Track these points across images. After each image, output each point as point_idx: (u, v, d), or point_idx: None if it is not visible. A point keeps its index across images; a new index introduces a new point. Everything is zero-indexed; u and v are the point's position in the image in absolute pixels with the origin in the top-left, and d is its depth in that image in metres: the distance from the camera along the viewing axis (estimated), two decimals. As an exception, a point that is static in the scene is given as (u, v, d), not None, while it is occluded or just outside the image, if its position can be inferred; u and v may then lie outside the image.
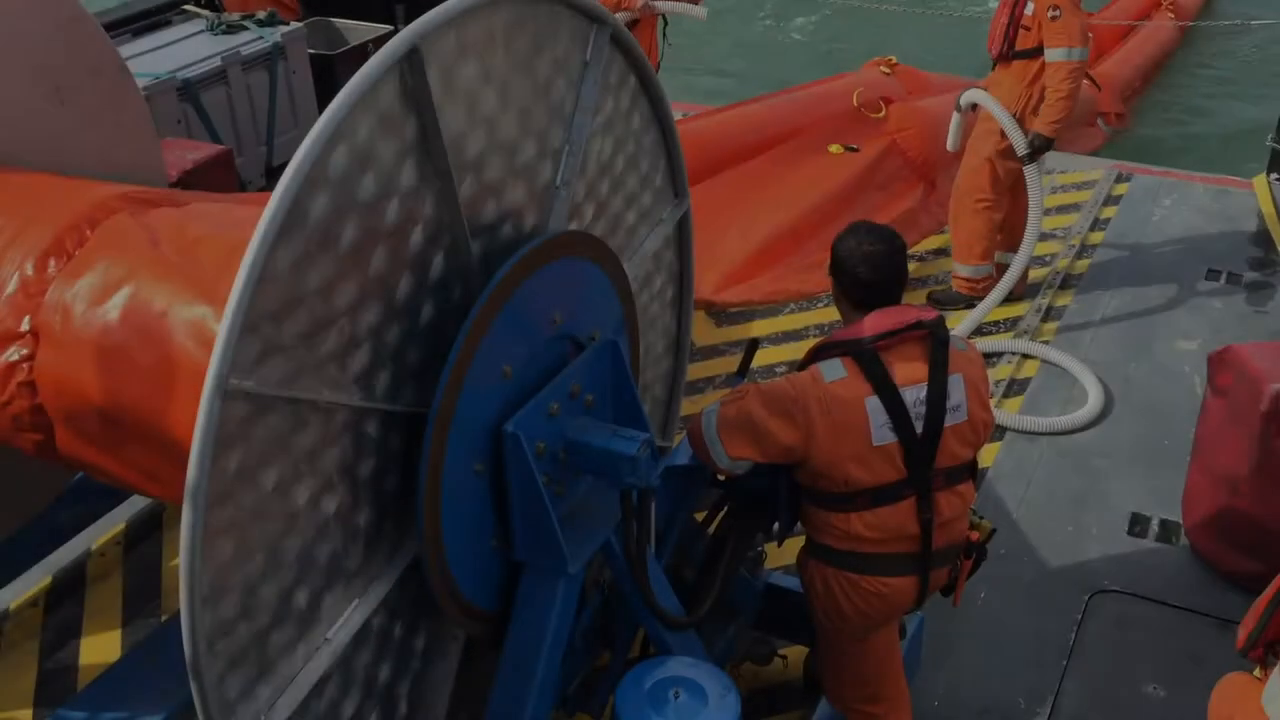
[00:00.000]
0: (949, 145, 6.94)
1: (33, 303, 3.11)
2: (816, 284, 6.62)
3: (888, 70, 7.38)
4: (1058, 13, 6.17)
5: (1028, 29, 6.31)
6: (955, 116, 6.75)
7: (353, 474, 2.78)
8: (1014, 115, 6.40)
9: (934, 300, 6.97)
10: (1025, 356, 6.45)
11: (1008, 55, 6.41)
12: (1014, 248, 6.79)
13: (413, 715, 3.21)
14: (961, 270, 6.96)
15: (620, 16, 6.82)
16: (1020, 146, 6.38)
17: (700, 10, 7.69)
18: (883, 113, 7.38)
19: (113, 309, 3.00)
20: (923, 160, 7.82)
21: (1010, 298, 6.77)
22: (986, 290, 6.81)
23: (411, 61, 2.67)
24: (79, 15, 3.89)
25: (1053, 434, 5.83)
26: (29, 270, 3.13)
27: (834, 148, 7.62)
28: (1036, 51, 6.31)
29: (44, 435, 3.17)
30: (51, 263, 3.13)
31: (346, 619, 2.83)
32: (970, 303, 6.85)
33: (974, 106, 6.60)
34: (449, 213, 2.89)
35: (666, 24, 7.97)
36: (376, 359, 2.77)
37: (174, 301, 2.95)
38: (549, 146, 3.30)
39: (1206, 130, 12.57)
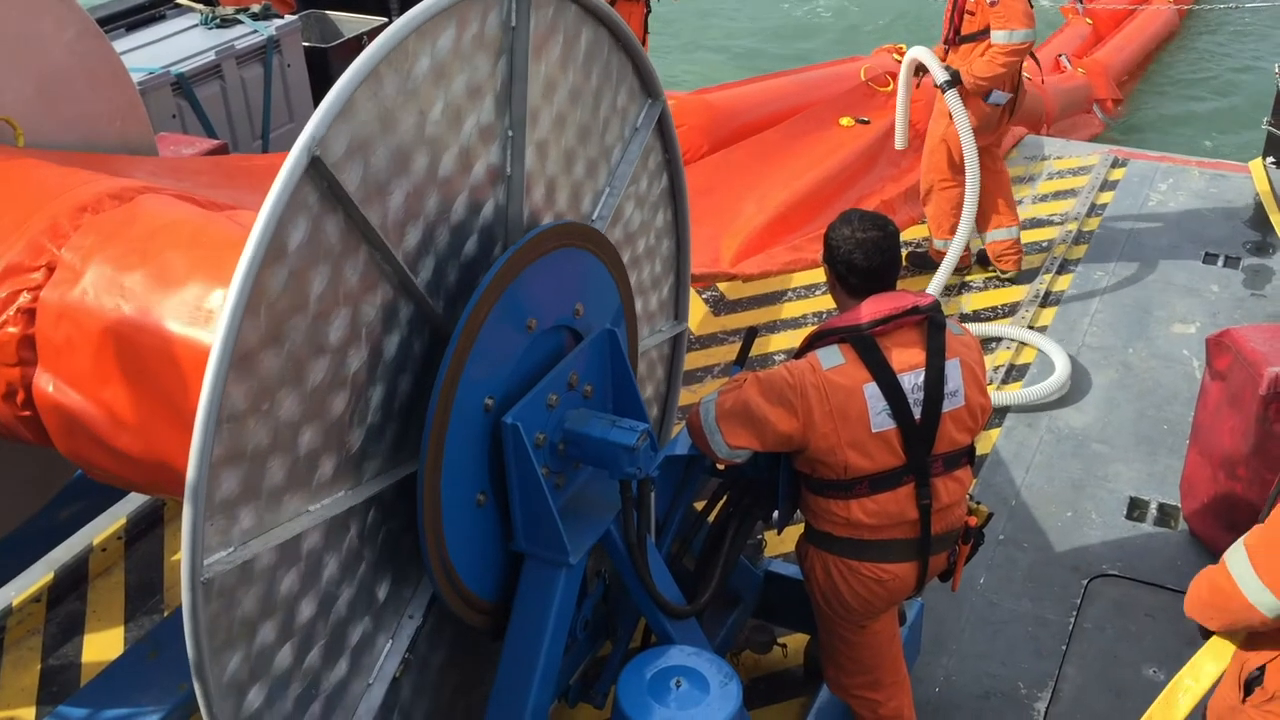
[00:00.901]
0: (897, 144, 7.29)
1: (53, 246, 3.10)
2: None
3: (898, 57, 7.52)
4: None
5: (972, 14, 6.65)
6: (899, 108, 7.09)
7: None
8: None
9: (911, 258, 7.20)
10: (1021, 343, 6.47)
11: (954, 40, 6.74)
12: (988, 221, 7.04)
13: (415, 702, 3.22)
14: (936, 244, 7.18)
15: None
16: (940, 79, 6.61)
17: None
18: (890, 86, 7.55)
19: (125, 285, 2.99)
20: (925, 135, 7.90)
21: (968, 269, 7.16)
22: (964, 260, 7.11)
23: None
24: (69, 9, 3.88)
25: (1024, 407, 5.92)
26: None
27: (845, 120, 7.84)
28: (982, 34, 6.59)
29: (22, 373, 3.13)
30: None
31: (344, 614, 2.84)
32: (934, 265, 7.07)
33: (918, 70, 6.93)
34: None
35: (650, 10, 7.96)
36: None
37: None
38: (595, 169, 3.45)
39: (1202, 113, 12.58)
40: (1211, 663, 3.12)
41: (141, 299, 2.93)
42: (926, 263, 7.23)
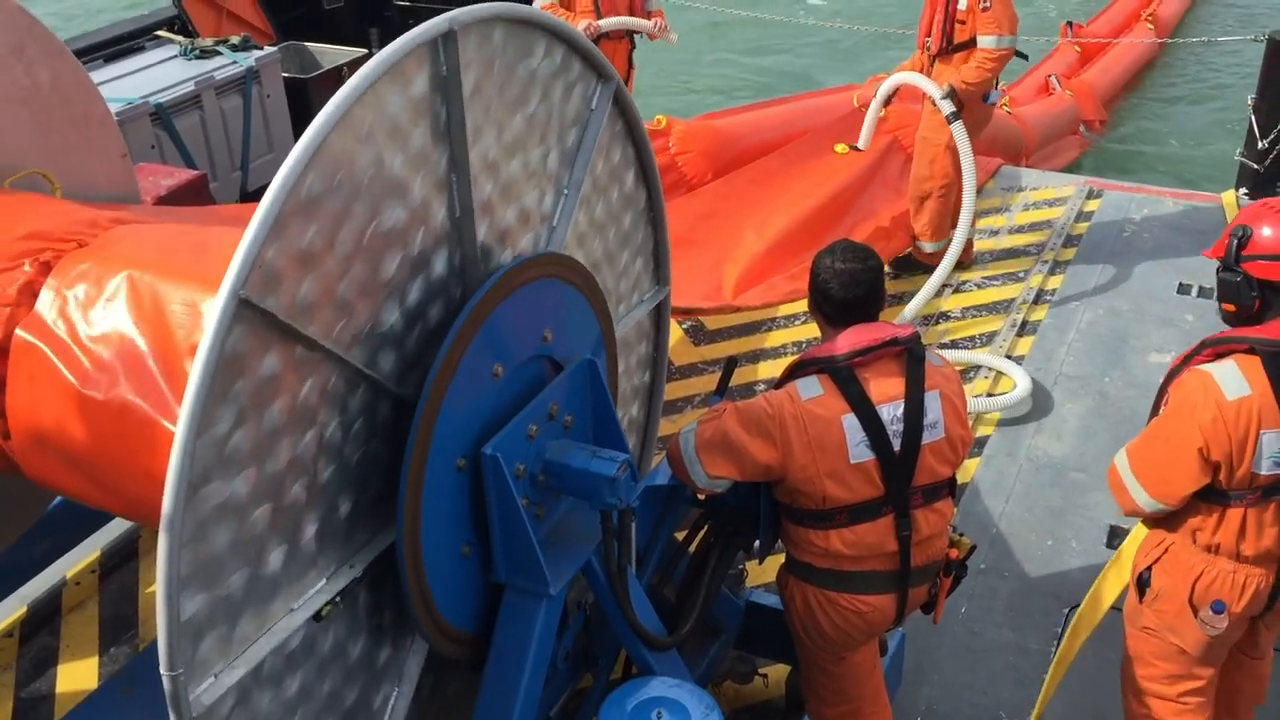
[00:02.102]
0: (860, 144, 7.53)
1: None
2: None
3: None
4: (988, 3, 6.68)
5: (963, 23, 6.82)
6: (870, 113, 7.33)
7: (332, 501, 2.78)
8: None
9: (896, 266, 7.38)
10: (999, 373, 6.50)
11: (947, 50, 6.91)
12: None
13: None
14: (927, 247, 7.37)
15: None
16: (938, 98, 6.80)
17: (670, 35, 7.80)
18: (883, 113, 7.67)
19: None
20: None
21: (959, 267, 7.34)
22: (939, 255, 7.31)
23: (446, 43, 2.74)
24: (47, 40, 3.88)
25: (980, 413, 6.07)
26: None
27: (840, 147, 8.01)
28: (973, 41, 6.81)
29: None
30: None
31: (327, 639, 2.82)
32: (929, 270, 7.23)
33: (897, 90, 7.18)
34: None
35: (634, 46, 8.01)
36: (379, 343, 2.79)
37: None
38: (550, 177, 3.38)
39: (1176, 146, 12.73)
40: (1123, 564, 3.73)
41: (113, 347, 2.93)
42: (914, 265, 7.36)
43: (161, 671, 2.33)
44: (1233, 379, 3.29)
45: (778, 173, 8.03)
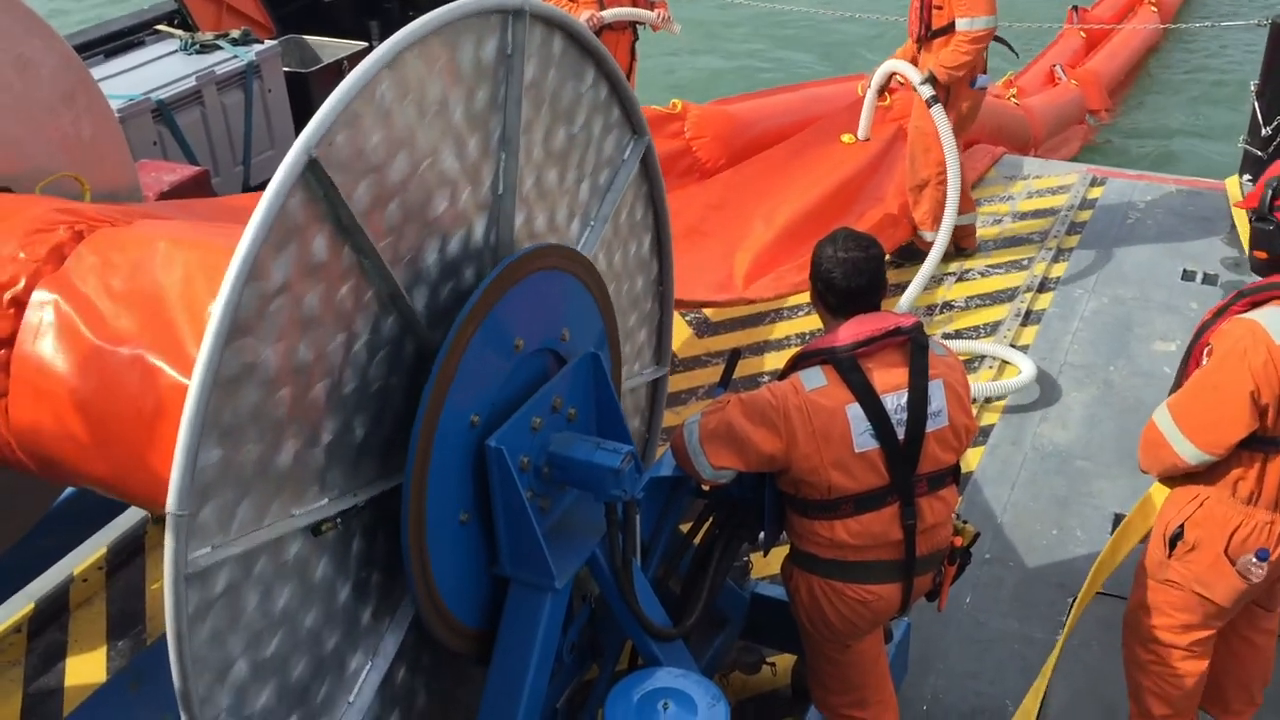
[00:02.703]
0: (860, 134, 7.67)
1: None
2: None
3: (900, 81, 7.74)
4: None
5: (940, 8, 6.92)
6: (867, 103, 7.51)
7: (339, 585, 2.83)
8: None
9: (900, 255, 7.48)
10: (1004, 362, 6.49)
11: (927, 36, 7.00)
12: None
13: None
14: (928, 236, 7.38)
15: None
16: (917, 83, 6.92)
17: (673, 26, 7.81)
18: (888, 101, 7.82)
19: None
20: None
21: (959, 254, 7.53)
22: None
23: (515, 21, 2.88)
24: (98, 95, 3.92)
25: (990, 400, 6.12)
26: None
27: (846, 137, 8.04)
28: (952, 27, 6.88)
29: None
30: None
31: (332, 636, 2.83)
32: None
33: (890, 77, 7.33)
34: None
35: (637, 38, 8.00)
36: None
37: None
38: (580, 203, 3.46)
39: (1179, 132, 12.69)
40: (1145, 513, 3.83)
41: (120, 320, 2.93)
42: (917, 255, 7.40)
43: (169, 509, 2.31)
44: (1278, 322, 3.36)
45: (786, 163, 8.08)
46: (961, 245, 7.51)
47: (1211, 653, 3.79)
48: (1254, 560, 3.50)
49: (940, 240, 7.08)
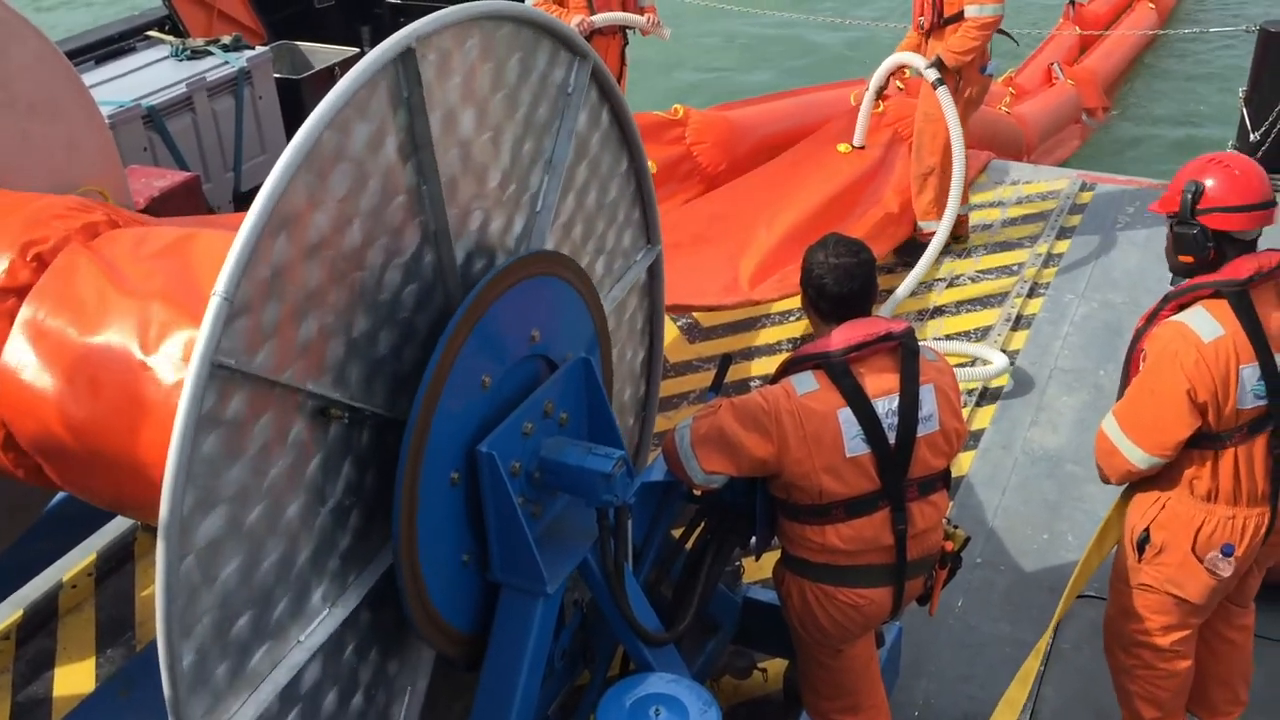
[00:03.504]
0: (855, 140, 7.96)
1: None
2: None
3: (900, 85, 7.82)
4: None
5: None
6: (863, 108, 7.81)
7: (323, 497, 2.77)
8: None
9: (900, 253, 7.59)
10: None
11: (939, 24, 7.14)
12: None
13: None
14: (928, 227, 7.51)
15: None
16: (923, 67, 7.12)
17: (664, 31, 7.85)
18: (881, 108, 7.95)
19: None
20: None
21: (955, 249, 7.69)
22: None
23: (405, 63, 2.70)
24: (38, 42, 3.88)
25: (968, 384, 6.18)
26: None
27: (842, 147, 8.16)
28: (962, 15, 7.07)
29: None
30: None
31: (313, 632, 2.81)
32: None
33: (888, 78, 7.57)
34: (435, 221, 2.94)
35: (627, 42, 8.01)
36: (356, 366, 2.78)
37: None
38: (530, 167, 3.34)
39: (1171, 136, 12.73)
40: (1120, 517, 3.85)
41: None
42: (918, 249, 7.45)
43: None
44: (1205, 322, 3.47)
45: (785, 174, 8.15)
46: (955, 233, 7.66)
47: (1193, 652, 3.83)
48: (1220, 556, 3.56)
49: (945, 224, 7.22)
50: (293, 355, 2.57)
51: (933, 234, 7.36)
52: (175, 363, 2.80)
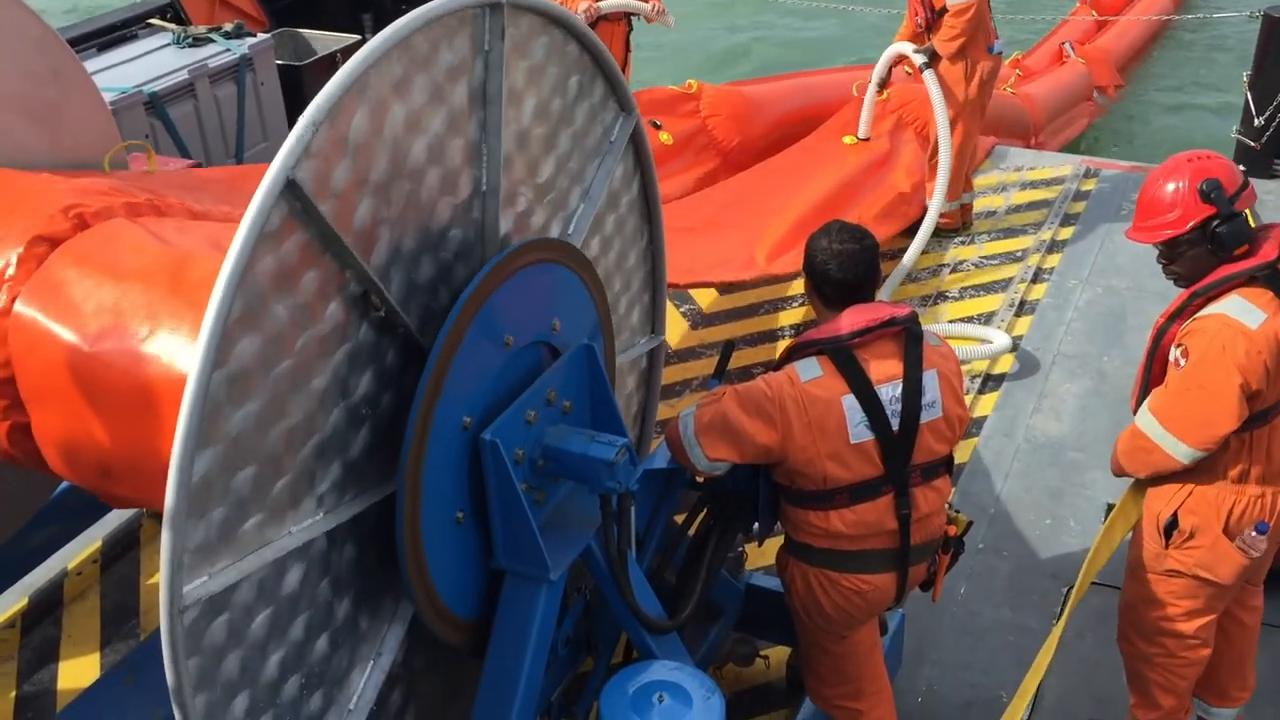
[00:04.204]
0: (860, 133, 8.12)
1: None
2: None
3: (909, 70, 7.86)
4: None
5: None
6: (866, 101, 7.96)
7: (344, 391, 2.78)
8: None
9: (909, 235, 7.61)
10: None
11: (934, 19, 7.34)
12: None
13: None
14: (947, 207, 7.62)
15: None
16: (911, 52, 7.37)
17: (668, 18, 7.88)
18: (885, 95, 8.07)
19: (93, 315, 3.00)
20: (924, 125, 8.26)
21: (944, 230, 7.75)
22: (956, 217, 7.82)
23: (493, 16, 2.88)
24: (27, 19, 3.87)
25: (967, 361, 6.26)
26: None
27: (848, 139, 8.28)
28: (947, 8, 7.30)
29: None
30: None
31: (308, 536, 2.79)
32: (941, 234, 7.72)
33: (890, 66, 7.74)
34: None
35: (631, 29, 8.00)
36: (330, 470, 2.78)
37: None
38: (466, 158, 3.28)
39: (1176, 122, 12.70)
40: (1132, 506, 3.82)
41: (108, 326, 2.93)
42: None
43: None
44: (1246, 310, 3.42)
45: (795, 163, 8.26)
46: (961, 220, 7.77)
47: (1214, 639, 3.81)
48: (1255, 534, 3.54)
49: (933, 208, 7.32)
50: (349, 229, 2.64)
51: (946, 215, 7.53)
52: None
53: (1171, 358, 3.56)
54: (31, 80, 3.77)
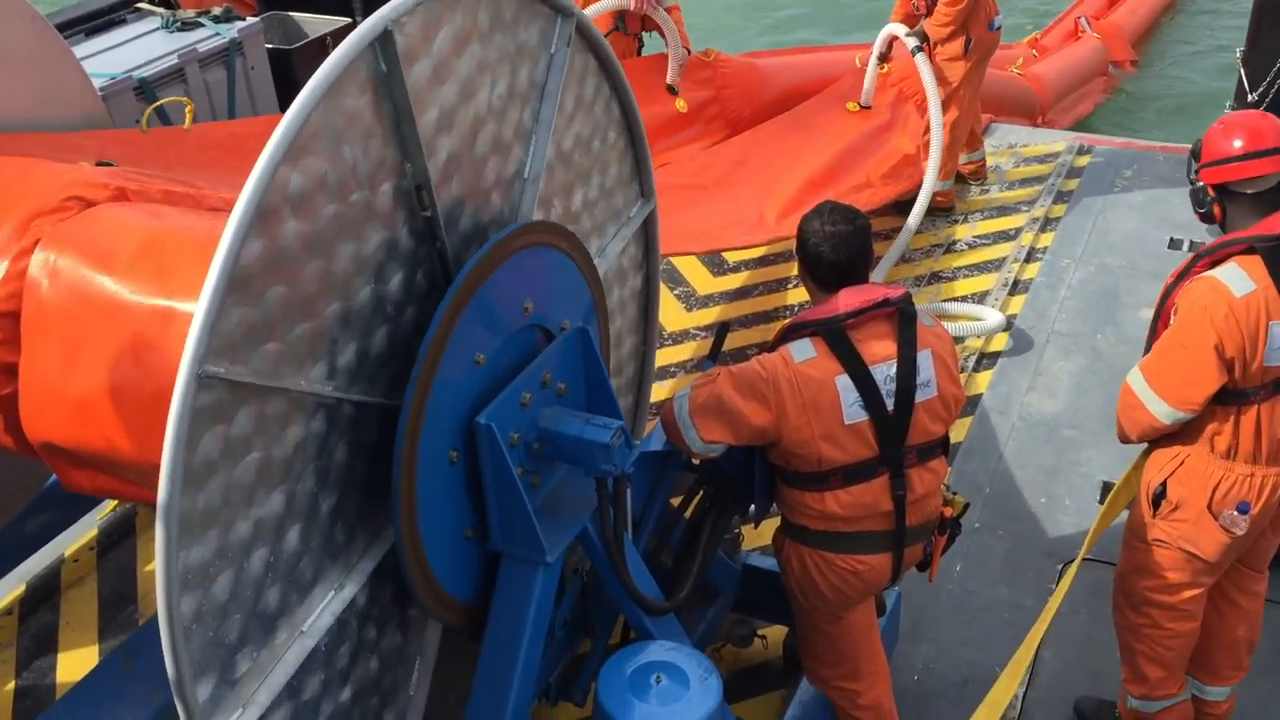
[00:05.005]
0: (863, 101, 8.16)
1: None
2: (865, 201, 7.20)
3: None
4: None
5: None
6: (869, 72, 8.04)
7: (326, 472, 2.78)
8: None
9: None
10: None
11: (932, 3, 7.49)
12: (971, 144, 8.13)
13: (389, 706, 3.20)
14: (942, 187, 7.64)
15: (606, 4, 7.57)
16: (903, 34, 7.52)
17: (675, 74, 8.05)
18: (886, 68, 8.18)
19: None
20: (923, 99, 8.19)
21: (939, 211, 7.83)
22: (950, 197, 7.95)
23: (384, 44, 2.68)
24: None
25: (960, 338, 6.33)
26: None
27: (851, 105, 8.37)
28: None
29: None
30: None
31: (321, 613, 2.83)
32: (939, 210, 7.80)
33: (889, 42, 7.83)
34: (424, 198, 2.92)
35: (642, 45, 8.22)
36: (348, 348, 2.77)
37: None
38: (517, 135, 3.32)
39: (1170, 97, 12.66)
40: (1135, 479, 3.88)
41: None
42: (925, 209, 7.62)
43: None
44: (1237, 278, 3.47)
45: (800, 126, 8.34)
46: (976, 179, 7.92)
47: (1202, 613, 3.84)
48: (1235, 514, 3.57)
49: (926, 187, 7.35)
50: (419, 118, 2.78)
51: (943, 192, 7.61)
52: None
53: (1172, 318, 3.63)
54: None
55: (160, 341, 2.83)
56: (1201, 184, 3.60)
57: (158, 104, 4.03)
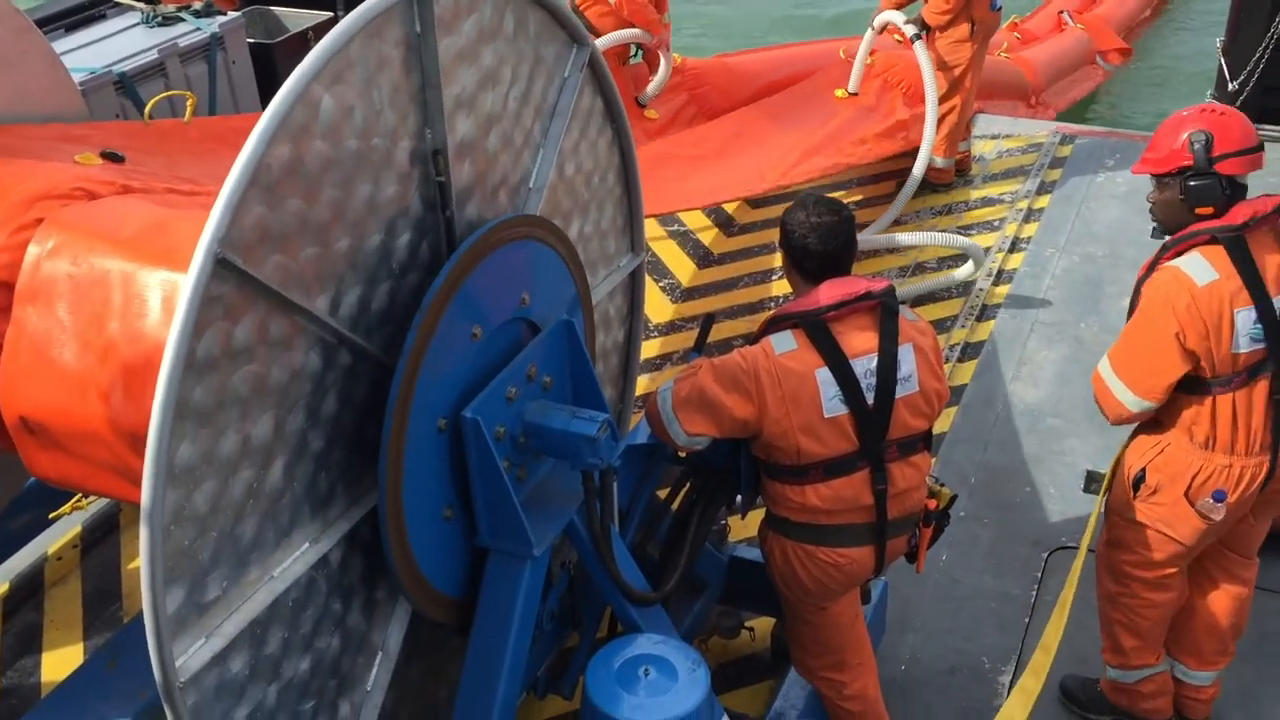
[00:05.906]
0: (850, 87, 8.33)
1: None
2: (862, 155, 7.63)
3: (899, 38, 8.13)
4: None
5: None
6: (859, 57, 8.21)
7: (317, 413, 2.77)
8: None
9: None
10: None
11: None
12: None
13: (344, 695, 3.17)
14: (939, 162, 7.84)
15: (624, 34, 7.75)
16: (901, 22, 7.64)
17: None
18: (871, 60, 8.37)
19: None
20: (909, 88, 8.38)
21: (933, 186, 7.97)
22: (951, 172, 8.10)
23: (422, 5, 2.79)
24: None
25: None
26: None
27: (839, 92, 8.53)
28: None
29: None
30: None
31: (294, 562, 2.79)
32: (936, 188, 7.98)
33: (883, 29, 7.98)
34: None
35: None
36: (352, 290, 2.80)
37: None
38: (527, 143, 3.42)
39: (1151, 88, 12.70)
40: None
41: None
42: (924, 184, 7.69)
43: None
44: (1200, 267, 3.50)
45: (790, 107, 8.48)
46: (942, 179, 7.96)
47: (1180, 587, 3.90)
48: (1212, 502, 3.61)
49: (918, 167, 7.47)
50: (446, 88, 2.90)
51: (943, 169, 7.79)
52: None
53: None
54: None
55: (158, 309, 2.82)
56: (1218, 175, 3.51)
57: (160, 97, 3.99)
